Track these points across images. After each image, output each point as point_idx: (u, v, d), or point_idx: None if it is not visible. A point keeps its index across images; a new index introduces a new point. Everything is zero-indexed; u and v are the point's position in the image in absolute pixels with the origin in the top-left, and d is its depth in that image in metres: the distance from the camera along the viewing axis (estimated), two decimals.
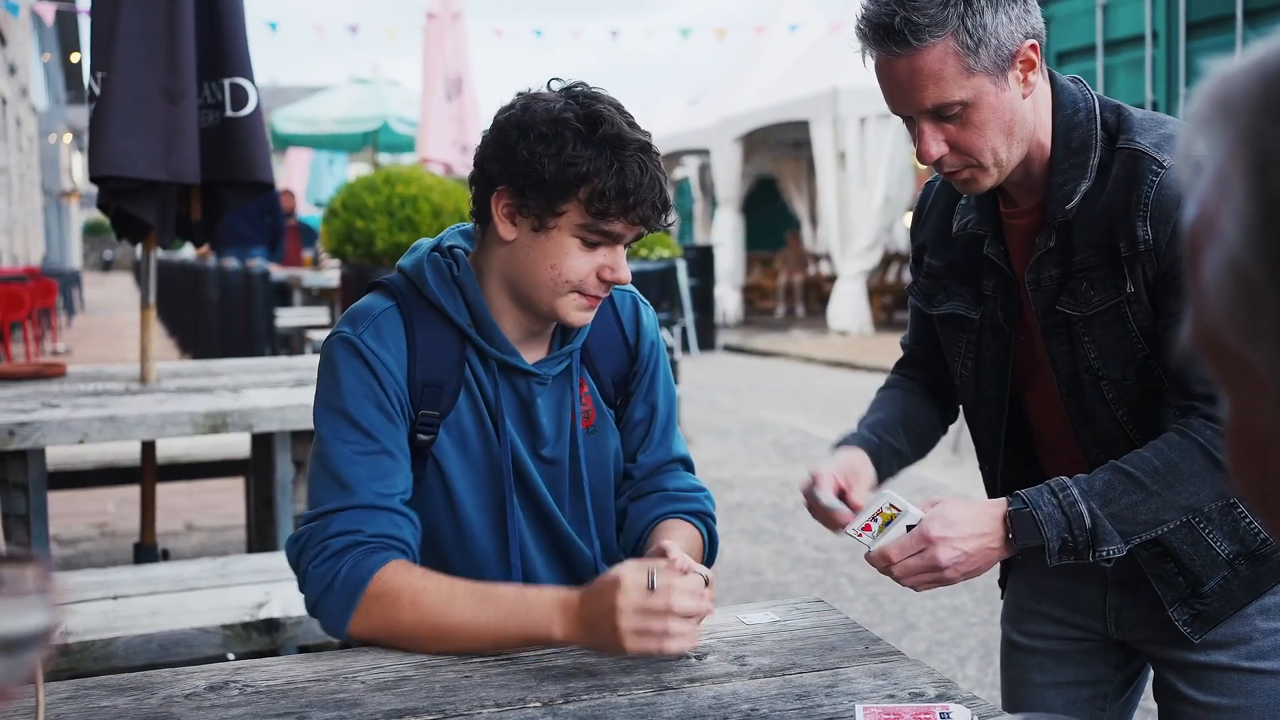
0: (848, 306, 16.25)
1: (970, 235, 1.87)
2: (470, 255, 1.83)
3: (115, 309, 24.41)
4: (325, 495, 1.71)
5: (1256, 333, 0.55)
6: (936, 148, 1.68)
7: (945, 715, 1.44)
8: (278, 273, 11.35)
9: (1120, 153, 1.70)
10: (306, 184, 20.72)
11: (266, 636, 2.98)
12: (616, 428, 1.92)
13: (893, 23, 1.61)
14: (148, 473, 4.12)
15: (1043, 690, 2.01)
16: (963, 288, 1.90)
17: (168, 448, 4.73)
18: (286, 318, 10.06)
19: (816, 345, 15.22)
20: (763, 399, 11.13)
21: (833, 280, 17.72)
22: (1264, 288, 0.54)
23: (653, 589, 1.50)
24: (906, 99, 1.67)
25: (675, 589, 1.51)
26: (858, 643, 1.69)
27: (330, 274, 10.50)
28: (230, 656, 2.97)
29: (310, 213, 18.78)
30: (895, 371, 2.12)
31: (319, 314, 10.09)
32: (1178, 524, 1.69)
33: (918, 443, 2.01)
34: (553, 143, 1.66)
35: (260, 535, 4.19)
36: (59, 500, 5.24)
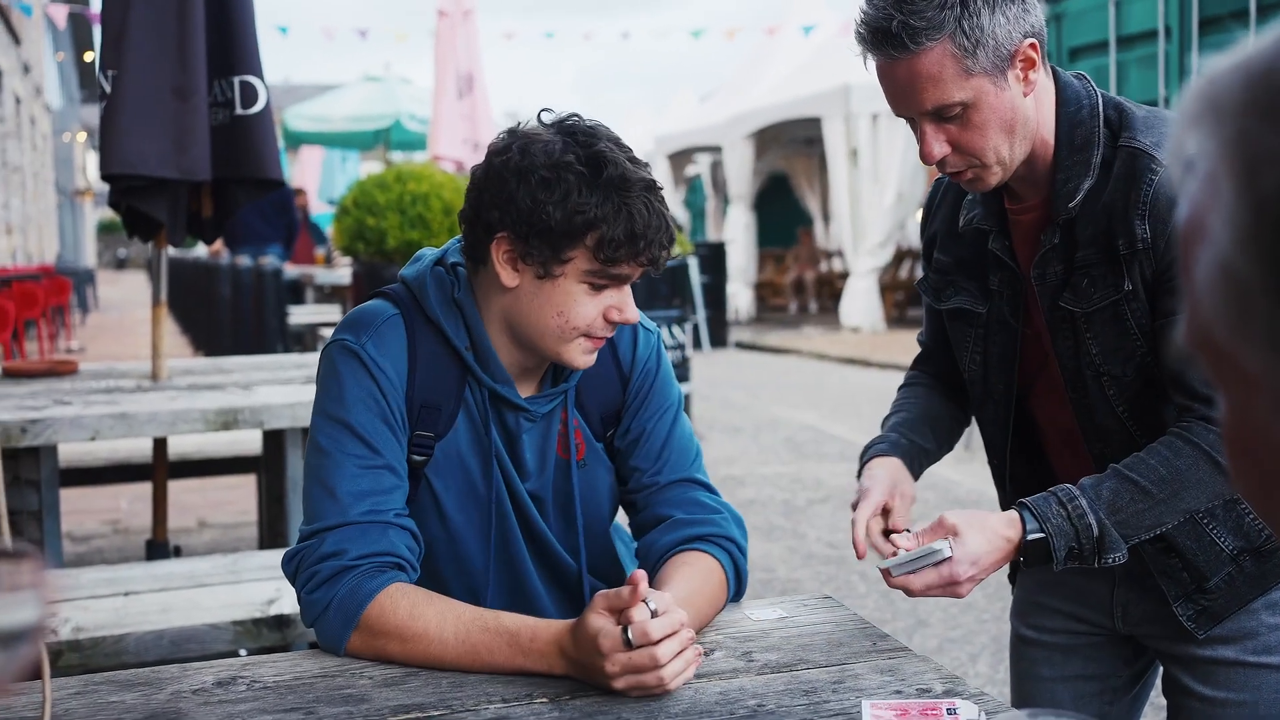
0: (860, 303, 16.23)
1: (976, 230, 1.87)
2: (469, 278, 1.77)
3: (129, 307, 24.50)
4: (320, 510, 1.67)
5: (1248, 333, 0.55)
6: (939, 148, 1.69)
7: (952, 711, 1.44)
8: (290, 270, 11.38)
9: (1121, 150, 1.69)
10: (319, 182, 20.76)
11: (277, 632, 2.99)
12: (609, 460, 1.87)
13: (890, 27, 1.61)
14: (159, 469, 4.14)
15: (1051, 684, 2.01)
16: (970, 283, 1.90)
17: (179, 445, 4.75)
18: (298, 315, 10.08)
19: (829, 342, 15.20)
20: (775, 396, 11.13)
21: (845, 277, 17.69)
22: (1254, 288, 0.53)
23: (630, 645, 1.44)
24: (907, 101, 1.68)
25: (652, 637, 1.44)
26: (865, 639, 1.69)
27: (342, 271, 10.52)
28: (242, 652, 2.99)
29: (323, 210, 18.82)
30: (914, 368, 2.13)
31: (331, 311, 10.12)
32: (1179, 521, 1.70)
33: (943, 439, 2.02)
34: (556, 189, 1.60)
35: (272, 532, 4.21)
36: (71, 497, 5.27)
